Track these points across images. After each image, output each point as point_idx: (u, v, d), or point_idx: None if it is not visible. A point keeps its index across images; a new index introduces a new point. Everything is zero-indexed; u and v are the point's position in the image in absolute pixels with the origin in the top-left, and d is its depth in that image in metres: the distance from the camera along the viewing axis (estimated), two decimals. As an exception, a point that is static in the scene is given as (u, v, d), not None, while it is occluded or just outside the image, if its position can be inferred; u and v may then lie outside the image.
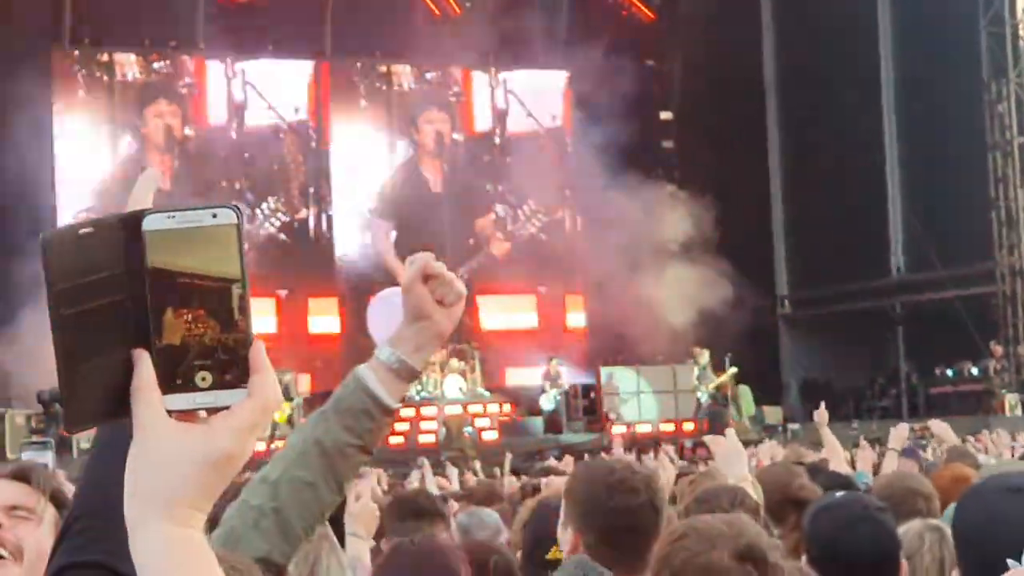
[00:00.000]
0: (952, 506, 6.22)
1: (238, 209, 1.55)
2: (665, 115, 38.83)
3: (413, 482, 14.28)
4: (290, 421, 25.46)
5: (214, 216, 1.54)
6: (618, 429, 30.23)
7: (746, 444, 9.66)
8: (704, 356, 31.47)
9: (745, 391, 32.60)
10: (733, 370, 31.43)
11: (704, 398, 31.27)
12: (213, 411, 1.55)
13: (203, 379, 1.54)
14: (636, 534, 3.78)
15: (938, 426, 10.37)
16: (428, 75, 36.81)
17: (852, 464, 10.47)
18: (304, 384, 30.67)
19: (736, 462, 7.35)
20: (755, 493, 6.00)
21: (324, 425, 2.97)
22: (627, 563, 3.76)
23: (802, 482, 7.09)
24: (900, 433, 10.58)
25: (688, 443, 26.23)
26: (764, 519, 5.14)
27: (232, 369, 1.54)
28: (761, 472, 7.26)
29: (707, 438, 8.73)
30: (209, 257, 1.53)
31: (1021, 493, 3.12)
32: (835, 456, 10.00)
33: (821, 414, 10.77)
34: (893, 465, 9.67)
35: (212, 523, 2.74)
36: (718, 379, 31.38)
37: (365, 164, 35.94)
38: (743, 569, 3.24)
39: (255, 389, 1.56)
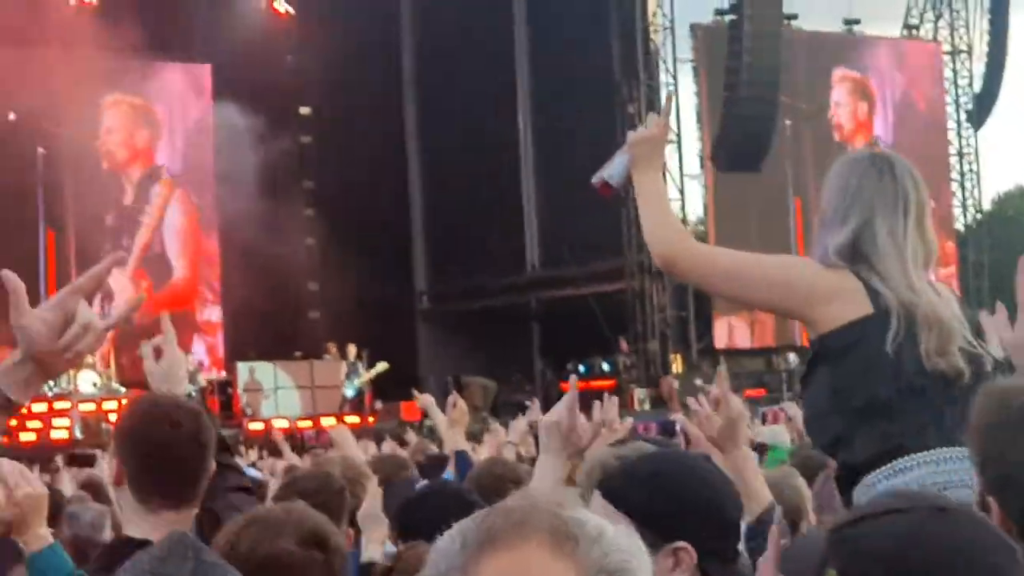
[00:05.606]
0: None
1: None
2: (304, 110, 38.64)
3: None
4: None
5: None
6: (255, 426, 29.98)
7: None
8: (351, 350, 31.42)
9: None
10: (383, 365, 31.42)
11: (351, 393, 31.18)
12: None
13: None
14: (176, 465, 3.83)
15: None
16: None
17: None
18: None
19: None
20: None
21: None
22: (168, 493, 3.83)
23: (407, 474, 7.23)
24: (519, 426, 10.82)
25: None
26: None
27: None
28: (370, 464, 7.35)
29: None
30: None
31: None
32: None
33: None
34: (511, 457, 9.84)
35: None
36: (367, 374, 31.36)
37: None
38: (309, 555, 3.33)
39: None
